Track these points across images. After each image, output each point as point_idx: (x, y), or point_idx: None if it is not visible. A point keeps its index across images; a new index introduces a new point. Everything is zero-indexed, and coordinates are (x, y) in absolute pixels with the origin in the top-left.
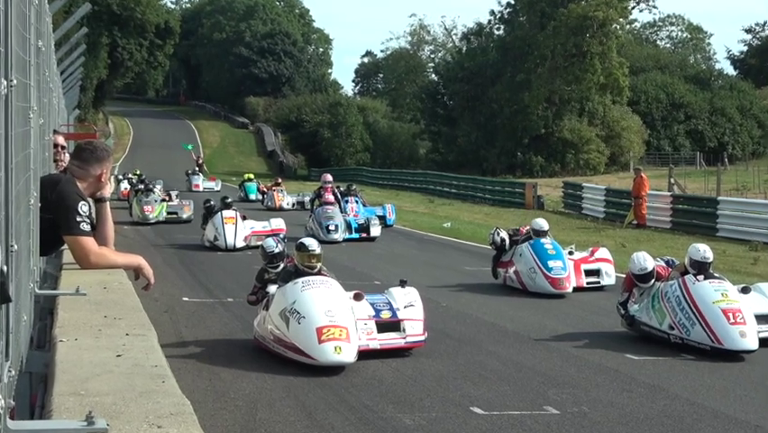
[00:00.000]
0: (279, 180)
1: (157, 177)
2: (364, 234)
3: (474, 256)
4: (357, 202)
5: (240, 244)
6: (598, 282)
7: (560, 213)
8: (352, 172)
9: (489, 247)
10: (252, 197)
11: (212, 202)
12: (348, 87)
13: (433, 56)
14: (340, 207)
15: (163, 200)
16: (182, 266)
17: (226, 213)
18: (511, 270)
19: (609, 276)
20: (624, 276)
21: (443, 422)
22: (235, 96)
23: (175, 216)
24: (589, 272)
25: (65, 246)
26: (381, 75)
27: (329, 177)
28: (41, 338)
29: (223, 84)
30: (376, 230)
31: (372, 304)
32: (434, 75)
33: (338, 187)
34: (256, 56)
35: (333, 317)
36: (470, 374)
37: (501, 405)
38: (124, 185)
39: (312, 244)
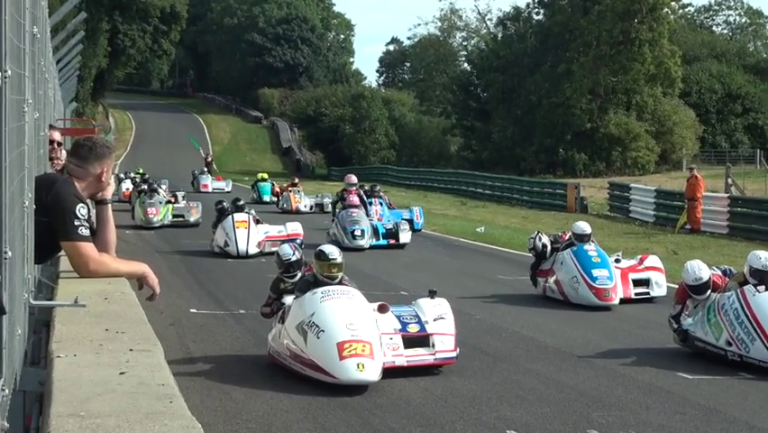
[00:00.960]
0: (296, 180)
1: (161, 176)
2: (393, 241)
3: (510, 264)
4: (381, 204)
5: (253, 250)
6: (648, 293)
7: (605, 216)
8: (375, 172)
9: (529, 253)
10: (266, 198)
11: (224, 204)
12: (372, 78)
13: (465, 43)
14: (366, 210)
15: (168, 202)
16: (189, 274)
17: (238, 216)
18: (552, 279)
19: (660, 286)
20: (676, 287)
21: None
22: (248, 88)
23: (181, 219)
24: (637, 282)
25: (62, 253)
26: (408, 64)
27: (353, 178)
28: (35, 354)
29: (234, 74)
30: (406, 236)
31: (398, 317)
32: (466, 64)
33: (361, 187)
34: (270, 43)
35: (355, 330)
36: (506, 395)
37: (540, 428)
38: (126, 185)
39: (333, 251)
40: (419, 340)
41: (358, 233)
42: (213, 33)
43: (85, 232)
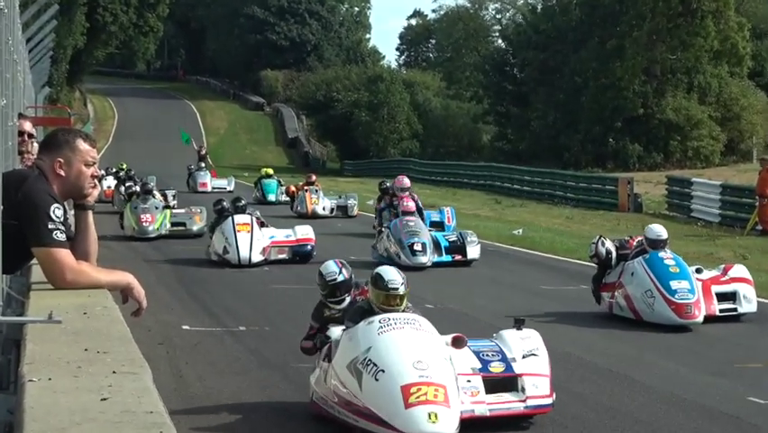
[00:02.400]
0: (313, 178)
1: (148, 172)
2: (458, 257)
3: (553, 273)
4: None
5: (256, 258)
6: (735, 309)
7: (662, 216)
8: (396, 166)
9: (591, 262)
10: (272, 197)
11: (224, 203)
12: (391, 57)
13: (499, 17)
14: (422, 217)
15: (166, 207)
16: (181, 286)
17: (239, 218)
18: (620, 294)
19: (750, 301)
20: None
21: None
22: (247, 70)
23: (182, 228)
24: (722, 296)
25: (34, 261)
26: (433, 41)
27: (406, 180)
28: (4, 377)
29: (231, 54)
30: (474, 250)
31: (477, 353)
32: (500, 41)
33: (383, 183)
34: (274, 18)
35: (424, 370)
36: (549, 423)
37: None
38: (107, 183)
39: (394, 278)
40: (505, 383)
41: (418, 247)
42: (207, 7)
43: (60, 236)
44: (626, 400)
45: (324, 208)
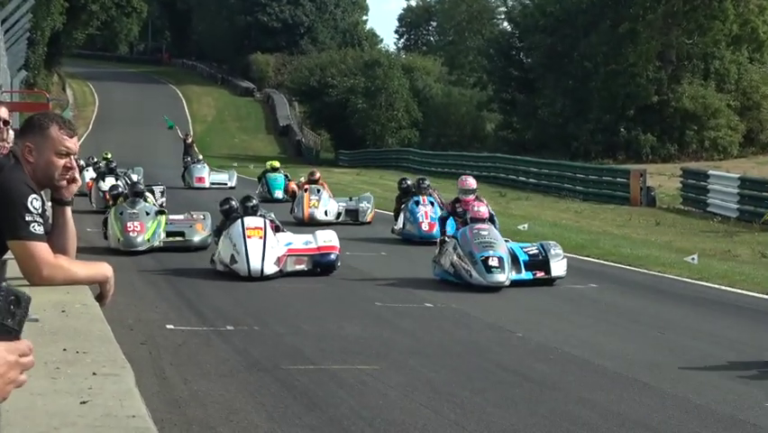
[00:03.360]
0: (317, 175)
1: (133, 162)
2: (541, 274)
3: None
4: (433, 205)
5: (270, 269)
6: None
7: (677, 211)
8: (394, 156)
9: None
10: (278, 194)
11: (233, 203)
12: (389, 41)
13: None
14: (494, 223)
15: (161, 212)
16: (165, 282)
17: (250, 221)
18: None
19: None
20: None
21: None
22: (237, 53)
23: (180, 238)
24: None
25: (8, 255)
26: (434, 24)
27: (471, 181)
28: None
29: (219, 36)
30: (559, 266)
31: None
32: (506, 24)
33: (403, 181)
34: None
35: None
36: (555, 430)
37: None
38: (90, 174)
39: None
40: None
41: (494, 262)
42: None
43: (38, 229)
44: (635, 405)
45: (326, 213)
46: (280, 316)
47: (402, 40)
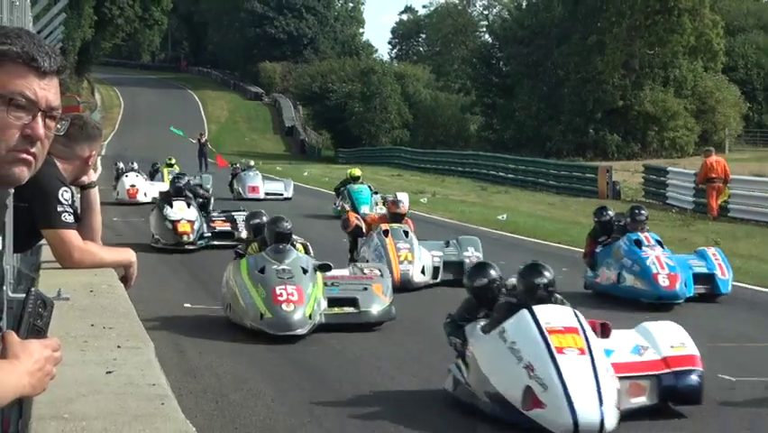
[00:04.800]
0: (404, 207)
1: (152, 158)
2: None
3: (537, 256)
4: (662, 246)
5: (612, 420)
6: None
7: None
8: (387, 153)
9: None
10: (365, 209)
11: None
12: (383, 51)
13: (486, 12)
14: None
15: (322, 267)
16: (183, 267)
17: (548, 313)
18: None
19: None
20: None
21: None
22: (247, 61)
23: (351, 310)
24: None
25: (43, 241)
26: (423, 36)
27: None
28: None
29: (232, 46)
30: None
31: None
32: (487, 36)
33: (604, 212)
34: (272, 12)
35: None
36: None
37: None
38: (131, 181)
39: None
40: None
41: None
42: (209, 1)
43: (69, 219)
44: None
45: (423, 271)
46: None
47: (395, 50)
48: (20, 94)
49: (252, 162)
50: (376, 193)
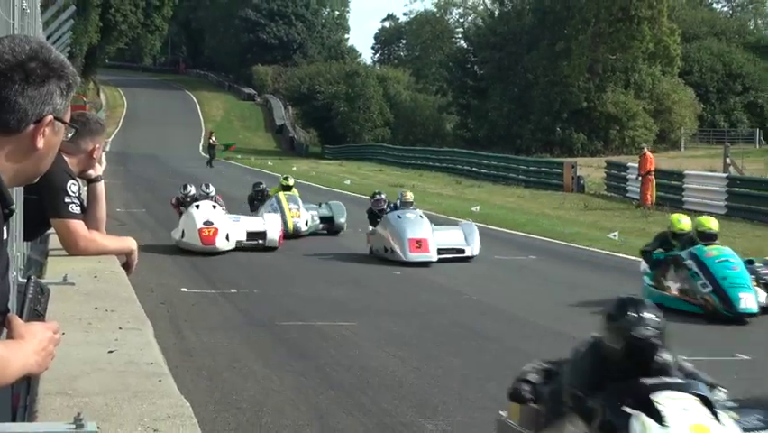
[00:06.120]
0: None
1: (152, 154)
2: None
3: (505, 244)
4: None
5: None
6: None
7: (602, 196)
8: (370, 150)
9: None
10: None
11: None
12: (367, 55)
13: (462, 20)
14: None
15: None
16: (181, 255)
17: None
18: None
19: None
20: None
21: (470, 428)
22: (241, 65)
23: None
24: None
25: (51, 230)
26: (404, 41)
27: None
28: None
29: (227, 51)
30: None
31: None
32: (463, 41)
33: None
34: (264, 19)
35: None
36: (495, 374)
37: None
38: (205, 215)
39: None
40: None
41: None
42: (206, 9)
43: (76, 209)
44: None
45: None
46: (275, 282)
47: (377, 54)
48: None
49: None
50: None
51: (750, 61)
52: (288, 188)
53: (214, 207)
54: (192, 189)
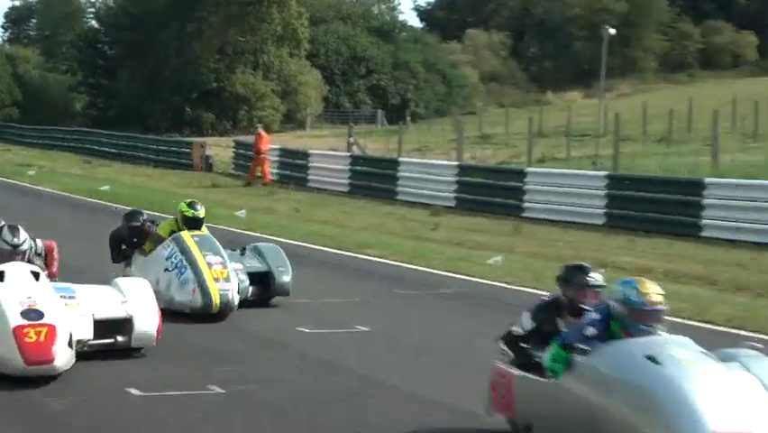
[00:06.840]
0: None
1: None
2: None
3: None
4: None
5: None
6: None
7: (230, 175)
8: None
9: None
10: None
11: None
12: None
13: (94, 0)
14: None
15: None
16: None
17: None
18: None
19: None
20: None
21: (96, 405)
22: None
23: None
24: None
25: None
26: (35, 21)
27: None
28: None
29: None
30: None
31: None
32: (94, 22)
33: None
34: None
35: None
36: (126, 354)
37: (161, 385)
38: None
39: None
40: None
41: None
42: None
43: None
44: (195, 333)
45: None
46: None
47: (7, 33)
48: None
49: None
50: None
51: (373, 45)
52: (195, 223)
53: (36, 274)
54: None
